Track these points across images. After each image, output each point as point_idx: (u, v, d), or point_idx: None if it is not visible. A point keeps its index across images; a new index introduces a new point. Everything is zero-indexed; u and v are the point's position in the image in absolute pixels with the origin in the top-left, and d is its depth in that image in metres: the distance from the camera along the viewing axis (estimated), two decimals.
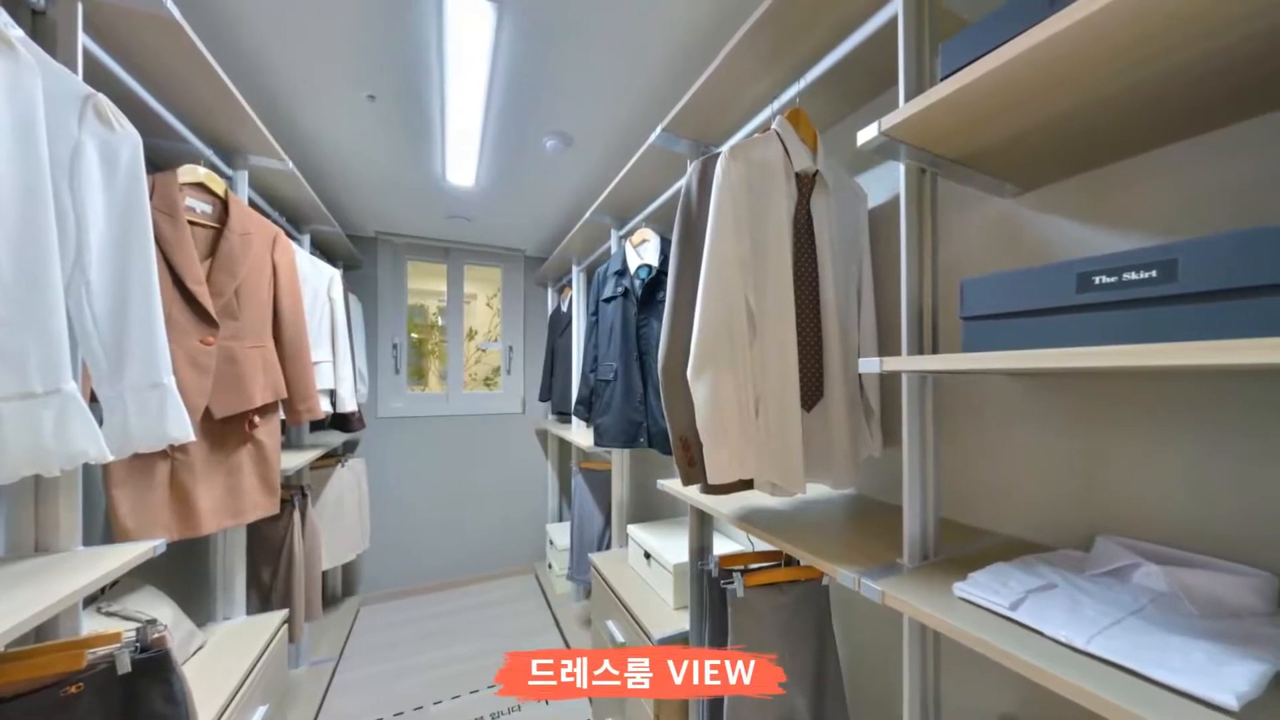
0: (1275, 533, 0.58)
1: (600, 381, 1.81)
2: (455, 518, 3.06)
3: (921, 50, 0.71)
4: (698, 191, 0.92)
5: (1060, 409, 0.79)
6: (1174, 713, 0.39)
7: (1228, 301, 0.41)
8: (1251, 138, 0.59)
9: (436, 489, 3.02)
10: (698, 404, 0.82)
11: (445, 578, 3.01)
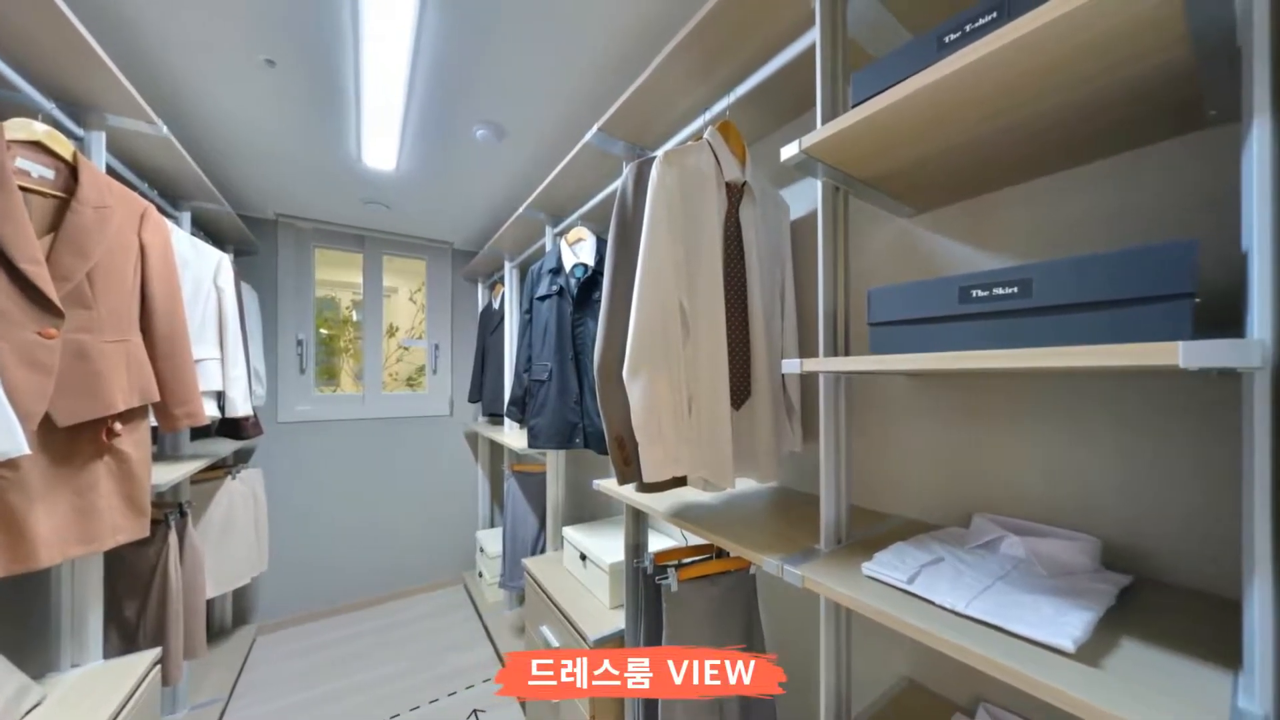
0: (1097, 504, 0.71)
1: (534, 381, 1.77)
2: (373, 529, 2.82)
3: (836, 78, 0.78)
4: (633, 194, 0.93)
5: (947, 405, 0.90)
6: (1028, 659, 0.46)
7: (1070, 314, 0.49)
8: (1092, 178, 0.72)
9: (351, 499, 2.76)
10: (633, 403, 0.83)
11: (361, 596, 2.76)
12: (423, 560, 2.97)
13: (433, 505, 3.02)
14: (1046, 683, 0.43)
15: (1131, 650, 0.48)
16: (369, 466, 2.82)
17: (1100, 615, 0.52)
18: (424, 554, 2.97)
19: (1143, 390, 0.67)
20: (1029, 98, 0.56)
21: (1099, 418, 0.71)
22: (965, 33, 0.55)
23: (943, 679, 0.89)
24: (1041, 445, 0.77)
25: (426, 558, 2.98)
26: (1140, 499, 0.67)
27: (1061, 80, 0.53)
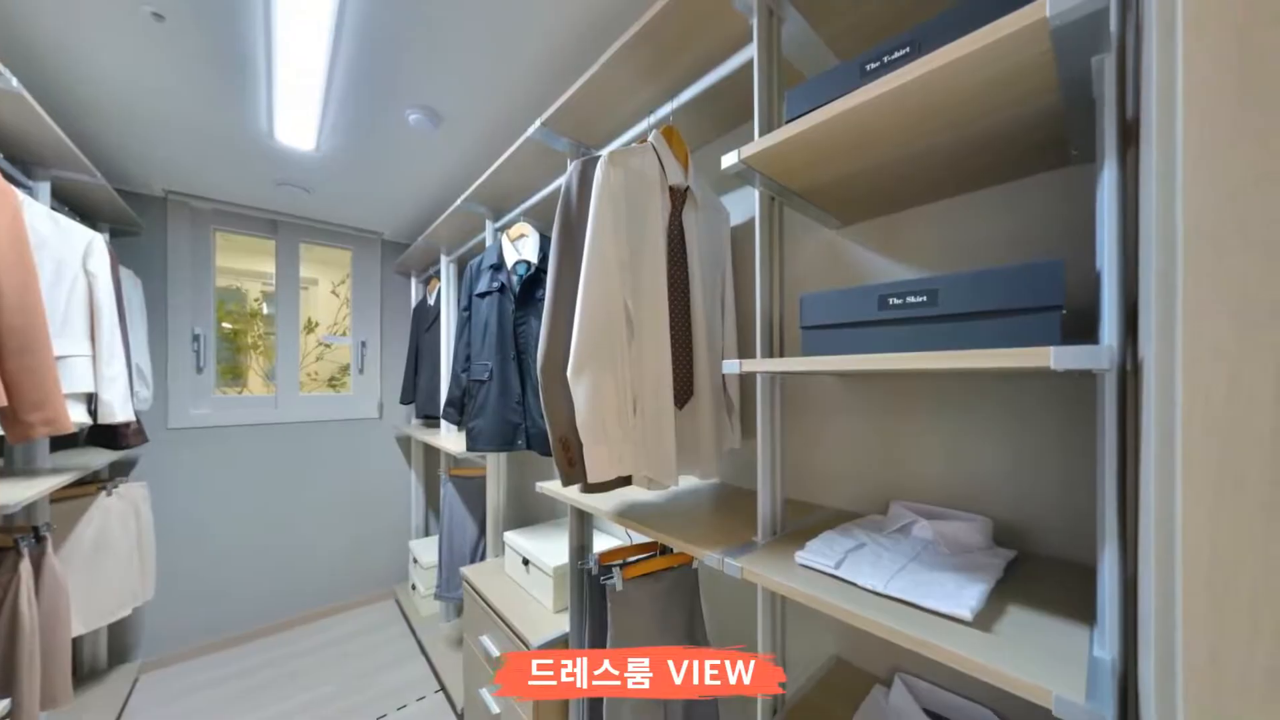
0: (989, 488, 0.80)
1: (474, 382, 1.70)
2: (289, 545, 2.57)
3: (772, 93, 0.82)
4: (578, 192, 0.92)
5: (870, 403, 0.98)
6: (934, 630, 0.51)
7: (969, 321, 0.55)
8: (985, 202, 0.81)
9: (261, 513, 2.50)
10: (578, 404, 0.83)
11: (277, 618, 2.51)
12: (348, 575, 2.75)
13: (359, 516, 2.81)
14: (947, 648, 0.48)
15: (1015, 615, 0.56)
16: (283, 476, 2.56)
17: (991, 587, 0.59)
18: (350, 569, 2.76)
19: (1025, 388, 0.77)
20: (933, 128, 0.63)
21: (991, 412, 0.81)
22: (884, 63, 0.60)
23: (866, 654, 0.96)
24: (946, 437, 0.86)
25: (353, 573, 2.77)
26: (1022, 483, 0.77)
27: (959, 116, 0.60)
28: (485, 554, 2.05)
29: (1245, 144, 0.27)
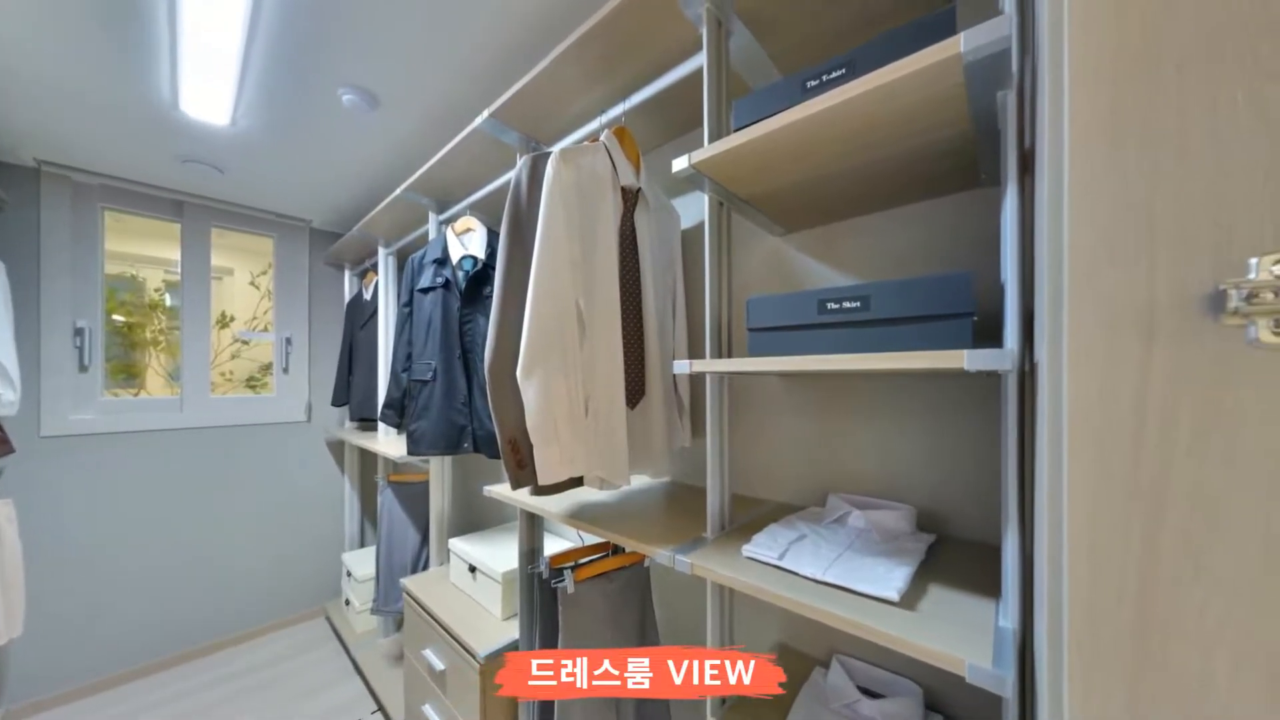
0: (913, 479, 0.88)
1: (415, 382, 1.61)
2: (197, 566, 2.31)
3: (720, 101, 0.84)
4: (528, 188, 0.90)
5: (810, 401, 1.04)
6: (865, 611, 0.56)
7: (898, 326, 0.60)
8: (911, 216, 0.89)
9: (162, 531, 2.23)
10: (529, 404, 0.81)
11: (181, 648, 2.25)
12: (272, 595, 2.52)
13: (285, 529, 2.58)
14: (877, 628, 0.52)
15: (935, 593, 0.61)
16: (190, 488, 2.30)
17: (914, 570, 0.65)
18: (273, 587, 2.53)
19: (943, 387, 0.85)
20: (864, 146, 0.68)
21: (915, 409, 0.88)
22: (822, 82, 0.64)
23: (807, 639, 1.02)
24: (877, 433, 0.93)
25: (277, 591, 2.54)
26: (940, 472, 0.85)
27: (886, 136, 0.65)
28: (428, 563, 1.95)
29: (1113, 179, 0.32)
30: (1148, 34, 0.31)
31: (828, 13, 0.87)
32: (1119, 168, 0.32)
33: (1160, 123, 0.30)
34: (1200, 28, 0.29)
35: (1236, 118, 0.29)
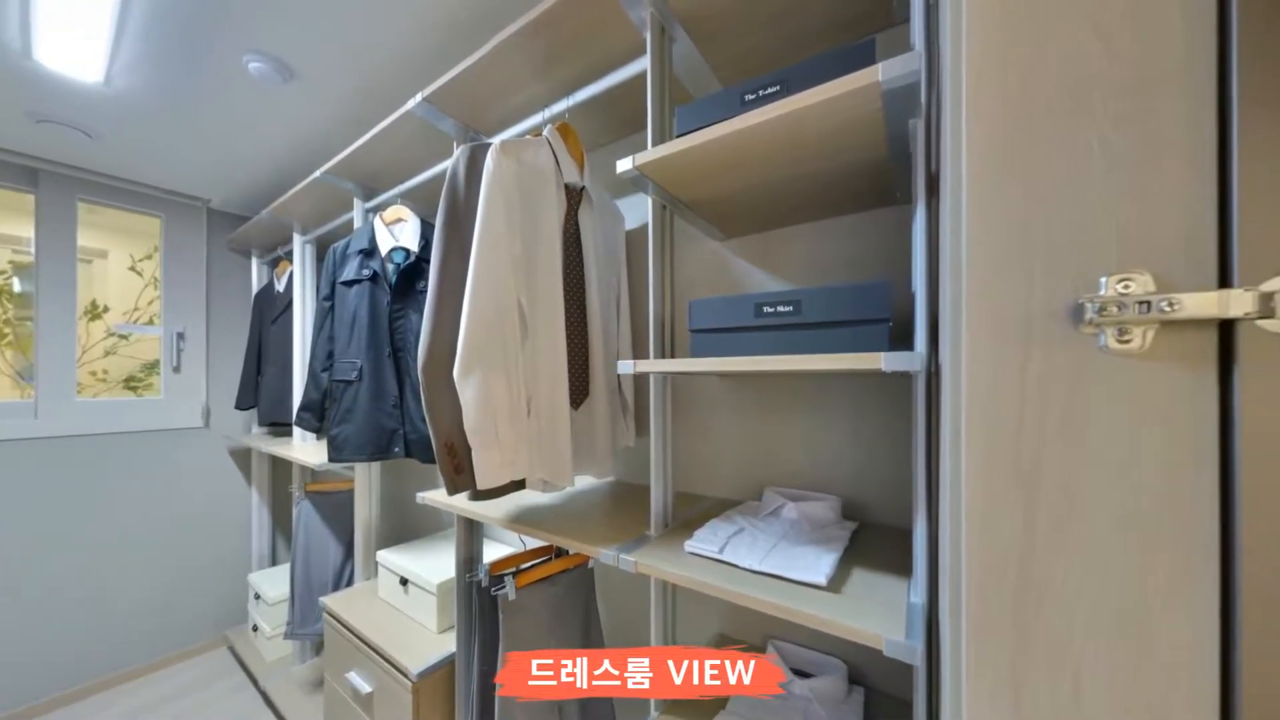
0: (839, 471, 0.95)
1: (338, 382, 1.49)
2: (68, 597, 1.97)
3: (664, 106, 0.86)
4: (465, 179, 0.87)
5: (748, 400, 1.08)
6: (798, 597, 0.59)
7: (827, 329, 0.65)
8: (839, 228, 0.95)
9: (17, 559, 1.88)
10: (467, 405, 0.78)
11: (51, 693, 1.91)
12: (163, 625, 2.21)
13: (177, 549, 2.27)
14: (806, 611, 0.56)
15: (858, 576, 0.66)
16: (51, 508, 1.96)
17: (840, 555, 0.70)
18: (165, 617, 2.22)
19: (864, 386, 0.93)
20: (796, 160, 0.72)
21: (840, 407, 0.95)
22: (759, 96, 0.67)
23: (745, 627, 1.07)
24: (806, 429, 0.99)
25: (169, 621, 2.23)
26: (862, 464, 0.92)
27: (815, 152, 0.69)
28: (352, 579, 1.81)
29: (1001, 205, 0.37)
30: (1025, 83, 0.36)
31: (763, 31, 0.91)
32: (1005, 196, 0.37)
33: (1036, 159, 0.35)
34: (1063, 81, 0.34)
35: (1092, 159, 0.34)
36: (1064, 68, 0.34)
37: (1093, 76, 0.34)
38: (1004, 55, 0.36)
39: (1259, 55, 0.29)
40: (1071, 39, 0.34)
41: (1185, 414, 0.31)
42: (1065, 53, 0.34)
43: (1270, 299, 0.28)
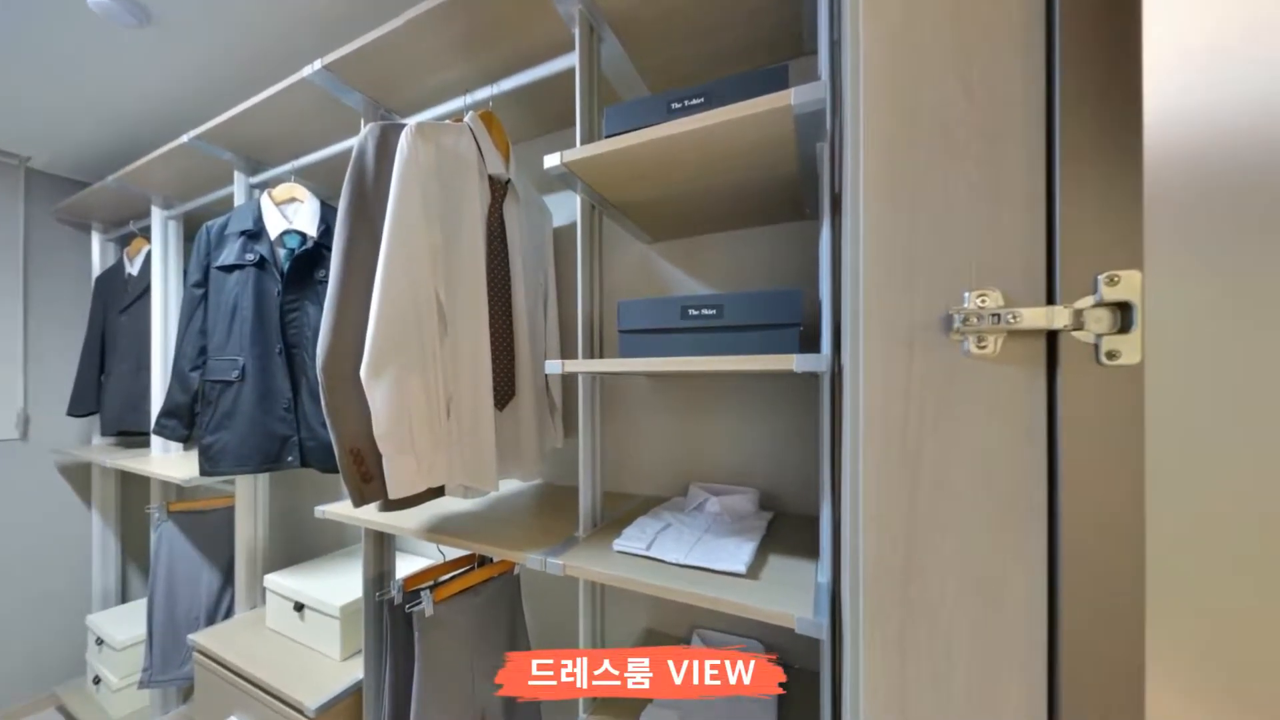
0: (757, 465, 1.02)
1: (213, 383, 1.29)
2: None
3: (593, 105, 0.86)
4: (375, 161, 0.80)
5: (674, 399, 1.12)
6: (721, 586, 0.63)
7: (746, 332, 0.69)
8: (758, 237, 1.02)
9: None
10: (377, 408, 0.72)
11: None
12: None
13: None
14: (726, 599, 0.59)
15: (774, 563, 0.72)
16: None
17: (758, 544, 0.75)
18: None
19: (779, 386, 1.00)
20: (719, 170, 0.76)
21: (759, 404, 1.02)
22: (684, 106, 0.69)
23: (672, 620, 1.10)
24: (728, 426, 1.05)
25: None
26: (777, 458, 1.00)
27: (736, 164, 0.74)
28: (231, 610, 1.58)
29: (891, 226, 0.42)
30: (908, 123, 0.41)
31: (687, 44, 0.94)
32: (894, 219, 0.42)
33: (918, 189, 0.41)
34: (936, 123, 0.40)
35: (959, 191, 0.40)
36: (937, 112, 0.40)
37: (959, 121, 0.39)
38: (892, 96, 0.41)
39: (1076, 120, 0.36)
40: (943, 87, 0.40)
41: (1023, 404, 0.38)
42: (938, 99, 0.40)
43: (1080, 314, 0.35)
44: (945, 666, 0.40)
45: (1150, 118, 0.34)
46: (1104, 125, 0.35)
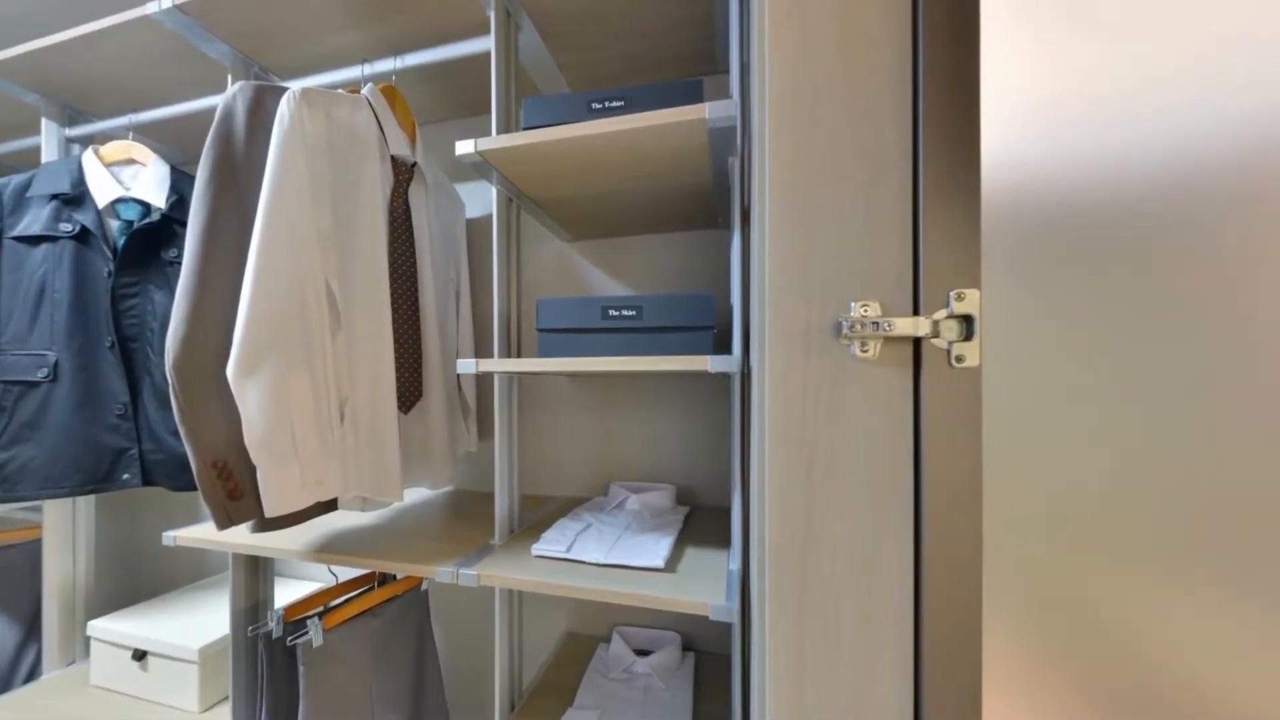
0: (674, 462, 1.05)
1: (9, 384, 1.03)
2: None
3: (510, 94, 0.83)
4: (248, 125, 0.69)
5: (594, 399, 1.12)
6: (641, 582, 0.64)
7: (664, 334, 0.71)
8: (677, 241, 1.05)
9: None
10: (251, 412, 0.62)
11: None
12: None
13: None
14: (645, 594, 0.61)
15: (691, 555, 0.75)
16: None
17: (675, 538, 0.78)
18: None
19: (695, 385, 1.05)
20: (641, 175, 0.78)
21: (676, 403, 1.06)
22: (605, 107, 0.70)
23: (592, 621, 1.10)
24: (647, 425, 1.08)
25: None
26: (693, 455, 1.04)
27: (655, 170, 0.76)
28: (37, 671, 1.27)
29: (791, 240, 0.46)
30: (807, 148, 0.46)
31: (606, 48, 0.95)
32: (795, 234, 0.46)
33: (814, 208, 0.45)
34: (829, 150, 0.45)
35: (847, 212, 0.45)
36: (829, 142, 0.45)
37: (847, 151, 0.45)
38: (793, 124, 0.46)
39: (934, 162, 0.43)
40: (834, 120, 0.45)
41: (896, 400, 0.44)
42: (830, 131, 0.45)
43: (937, 324, 0.42)
44: (835, 630, 0.45)
45: (986, 165, 0.41)
46: (953, 168, 0.42)
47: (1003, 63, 0.41)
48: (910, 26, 0.43)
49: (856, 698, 0.44)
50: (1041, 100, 0.40)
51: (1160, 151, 0.36)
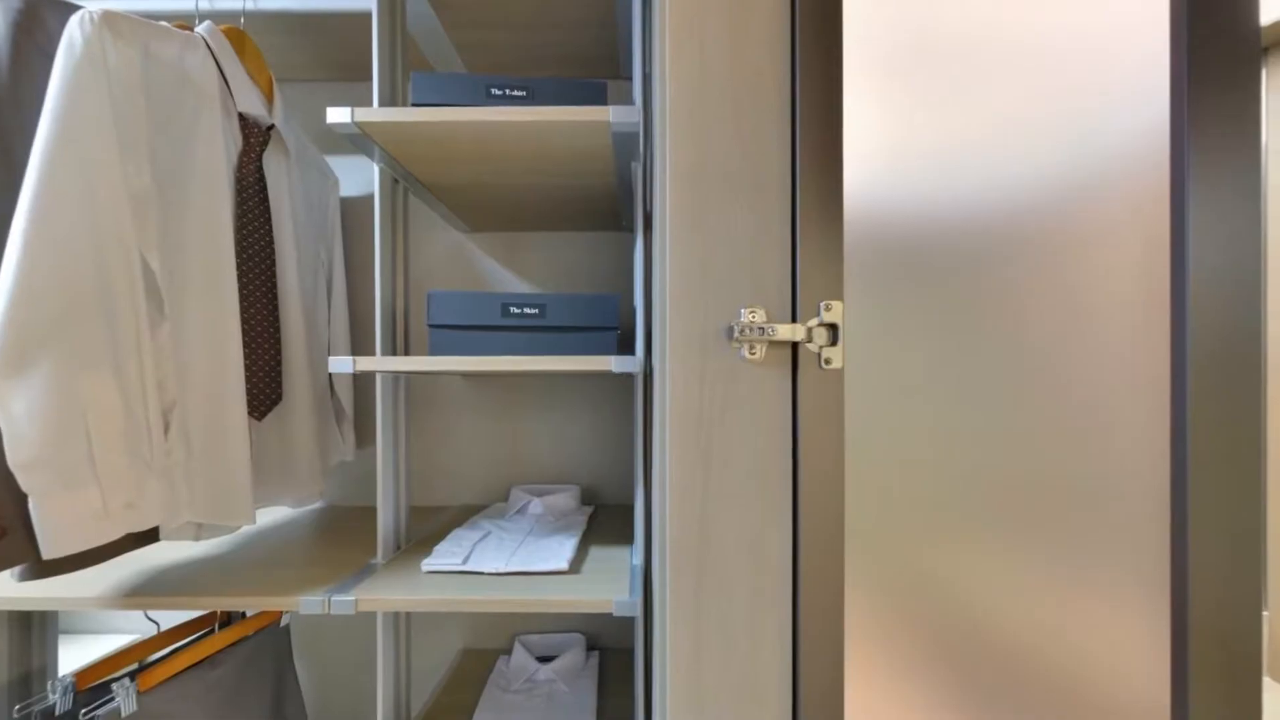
0: (579, 463, 1.05)
1: None
2: None
3: (395, 64, 0.75)
4: (9, 47, 0.53)
5: (494, 400, 1.06)
6: (545, 587, 0.62)
7: (568, 333, 0.70)
8: (580, 241, 1.04)
9: None
10: (18, 423, 0.48)
11: None
12: None
13: None
14: (547, 598, 0.60)
15: (595, 554, 0.75)
16: None
17: (579, 538, 0.77)
18: None
19: (599, 385, 1.05)
20: (544, 170, 0.76)
21: (581, 403, 1.05)
22: (506, 94, 0.66)
23: (491, 634, 1.04)
24: (551, 426, 1.05)
25: None
26: (597, 454, 1.05)
27: (558, 167, 0.74)
28: None
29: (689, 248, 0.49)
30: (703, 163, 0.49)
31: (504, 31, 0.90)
32: (693, 243, 0.49)
33: (710, 220, 0.49)
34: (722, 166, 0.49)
35: (738, 226, 0.49)
36: (723, 159, 0.49)
37: (737, 169, 0.49)
38: (692, 140, 0.48)
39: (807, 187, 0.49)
40: (726, 140, 0.49)
41: (778, 398, 0.49)
42: (724, 150, 0.49)
43: (810, 331, 0.48)
44: (729, 611, 0.49)
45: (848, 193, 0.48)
46: (822, 193, 0.48)
47: (861, 109, 0.48)
48: (789, 65, 0.48)
49: (746, 672, 0.49)
50: (892, 144, 0.48)
51: (969, 199, 0.46)
